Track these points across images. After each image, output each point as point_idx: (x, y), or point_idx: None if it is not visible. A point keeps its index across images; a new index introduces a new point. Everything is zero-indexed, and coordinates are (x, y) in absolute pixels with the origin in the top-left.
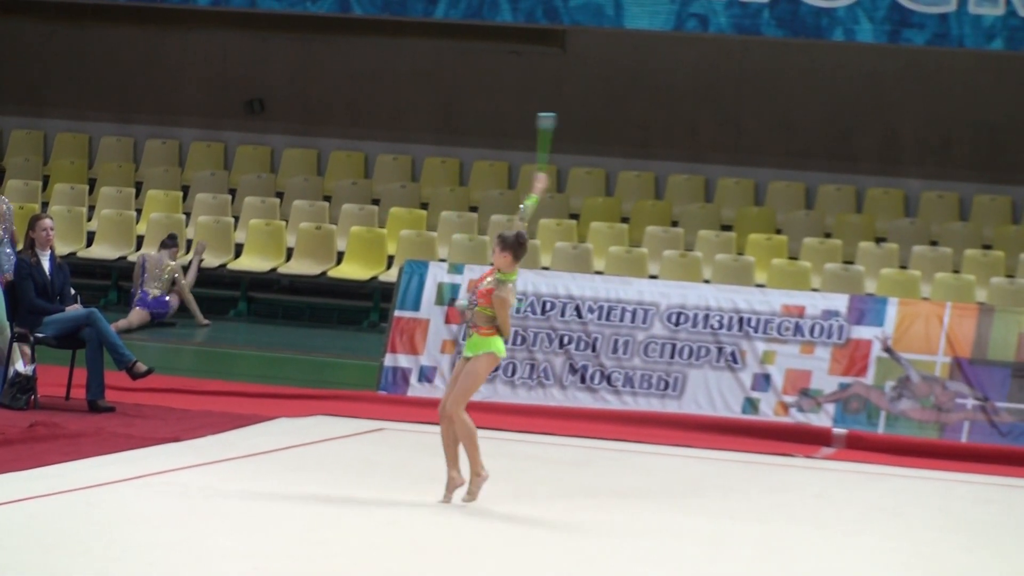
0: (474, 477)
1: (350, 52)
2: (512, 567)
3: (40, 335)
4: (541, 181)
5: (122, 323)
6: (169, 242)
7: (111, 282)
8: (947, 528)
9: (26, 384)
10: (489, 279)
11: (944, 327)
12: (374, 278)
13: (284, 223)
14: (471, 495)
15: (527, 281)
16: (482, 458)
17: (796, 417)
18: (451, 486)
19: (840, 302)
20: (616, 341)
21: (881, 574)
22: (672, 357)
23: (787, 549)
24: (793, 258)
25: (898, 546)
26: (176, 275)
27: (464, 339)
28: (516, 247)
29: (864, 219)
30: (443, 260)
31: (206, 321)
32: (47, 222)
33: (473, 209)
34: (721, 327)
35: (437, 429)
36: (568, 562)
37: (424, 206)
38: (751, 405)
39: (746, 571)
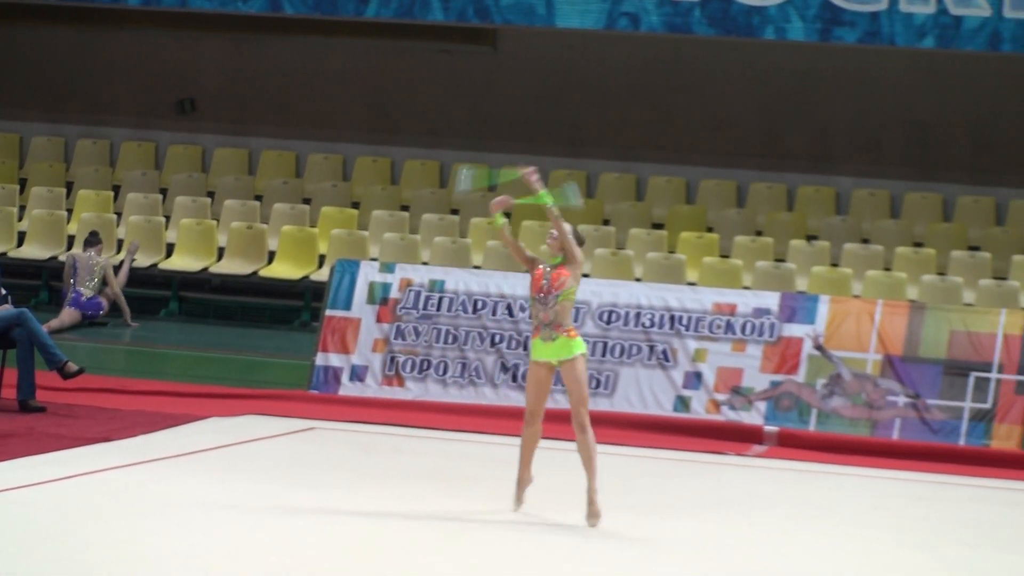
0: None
1: (281, 51)
2: (444, 565)
3: None
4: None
5: (54, 323)
6: (92, 239)
7: (42, 282)
8: (879, 525)
9: None
10: (544, 267)
11: (875, 325)
12: (305, 277)
13: (215, 222)
14: (592, 516)
15: (458, 280)
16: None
17: (728, 415)
18: (523, 485)
19: (771, 300)
20: None
21: (814, 571)
22: (603, 355)
23: (719, 547)
24: (724, 256)
25: (831, 543)
26: (107, 271)
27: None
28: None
29: (795, 217)
30: (375, 259)
31: (134, 323)
32: None
33: (405, 208)
34: (652, 325)
35: (368, 428)
36: (496, 559)
37: (355, 205)
38: (682, 403)
39: (679, 570)
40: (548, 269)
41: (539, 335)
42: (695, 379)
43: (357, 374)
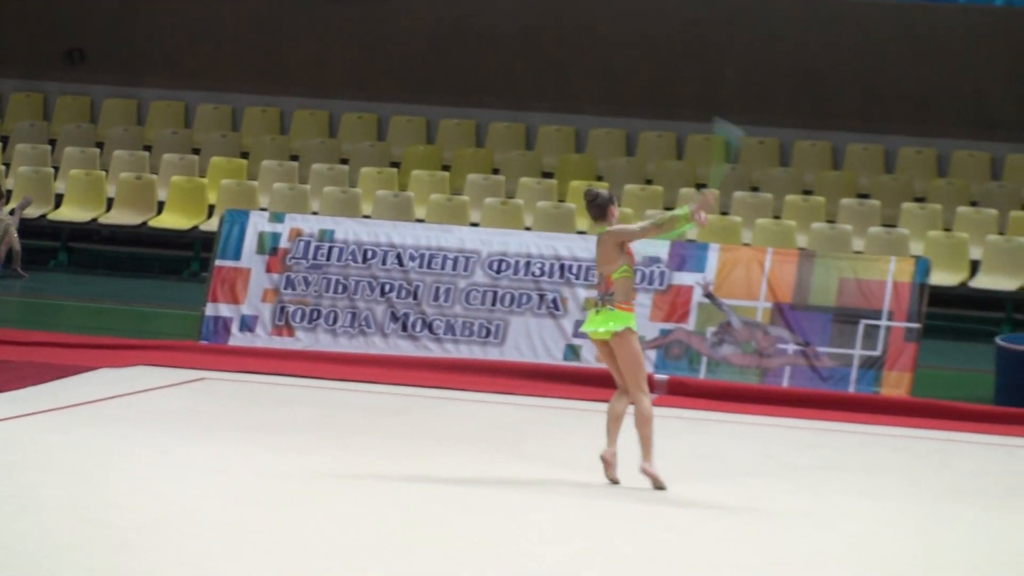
0: (644, 463)
1: (171, 2)
2: (333, 513)
3: None
4: (706, 203)
5: None
6: None
7: None
8: (769, 473)
9: None
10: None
11: (765, 273)
12: (195, 228)
13: (104, 173)
14: (653, 480)
15: (348, 230)
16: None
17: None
18: (611, 462)
19: (661, 248)
20: (437, 289)
21: (703, 519)
22: (493, 304)
23: (607, 496)
24: None
25: (720, 490)
26: (9, 226)
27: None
28: (588, 207)
29: (685, 165)
30: (264, 209)
31: (24, 274)
32: None
33: (294, 158)
34: (542, 274)
35: (258, 378)
36: (386, 510)
37: (245, 155)
38: (572, 352)
39: (565, 518)
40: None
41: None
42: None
43: (247, 324)
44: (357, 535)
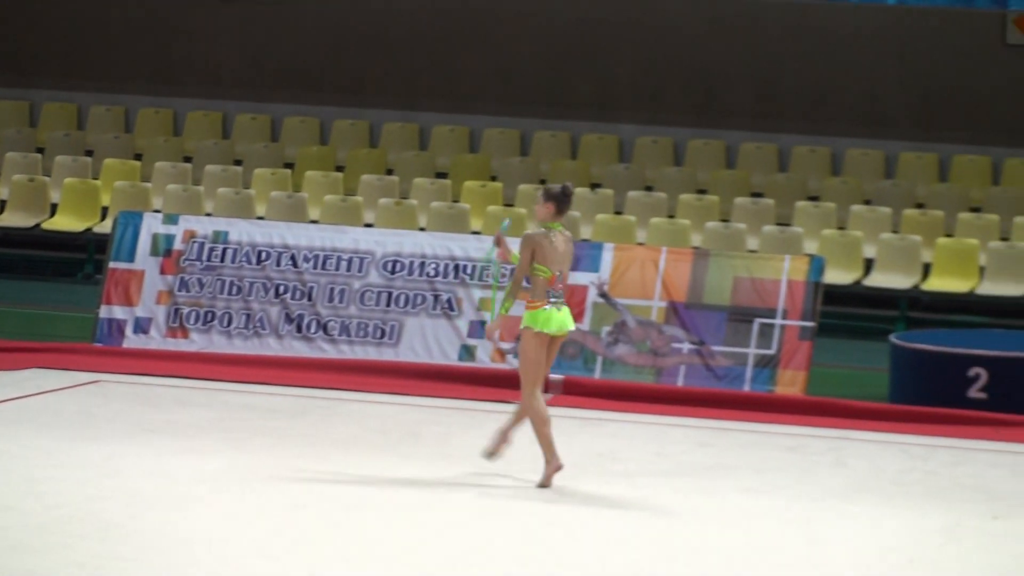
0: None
1: (60, 3)
2: (229, 515)
3: None
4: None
5: None
6: None
7: None
8: (664, 472)
9: None
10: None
11: (660, 272)
12: (88, 230)
13: None
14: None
15: (242, 231)
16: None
17: (513, 364)
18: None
19: None
20: (332, 290)
21: (597, 518)
22: (388, 305)
23: (502, 495)
24: (509, 205)
25: (615, 490)
26: None
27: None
28: (562, 200)
29: (579, 165)
30: (158, 211)
31: None
32: None
33: (188, 159)
34: (437, 275)
35: (153, 380)
36: (282, 510)
37: (138, 157)
38: (468, 352)
39: (459, 517)
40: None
41: (548, 303)
42: (480, 328)
43: (141, 326)
44: (252, 536)
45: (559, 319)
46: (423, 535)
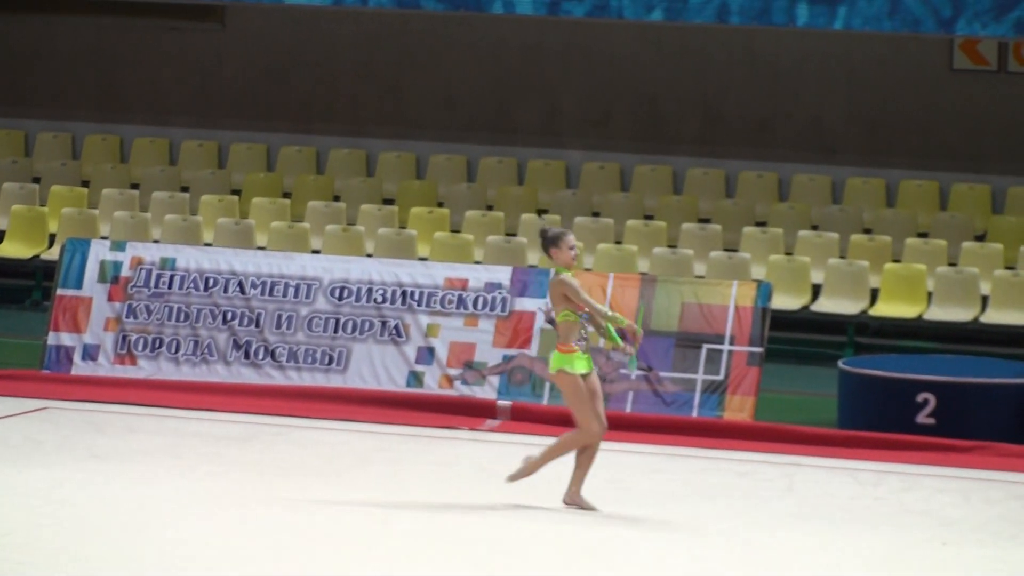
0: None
1: (6, 30)
2: (177, 541)
3: None
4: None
5: None
6: None
7: None
8: (614, 499)
9: None
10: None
11: (607, 298)
12: (36, 256)
13: None
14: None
15: (189, 258)
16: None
17: (461, 390)
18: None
19: (503, 274)
20: (280, 316)
21: (549, 545)
22: (336, 331)
23: (452, 522)
24: (456, 231)
25: (563, 518)
26: None
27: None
28: (541, 244)
29: (526, 191)
30: (105, 238)
31: None
32: None
33: (135, 186)
34: (384, 301)
35: (101, 407)
36: (230, 537)
37: (85, 184)
38: (416, 378)
39: (412, 545)
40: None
41: (580, 349)
42: (428, 354)
43: (89, 353)
44: (202, 562)
45: (587, 361)
46: (373, 562)
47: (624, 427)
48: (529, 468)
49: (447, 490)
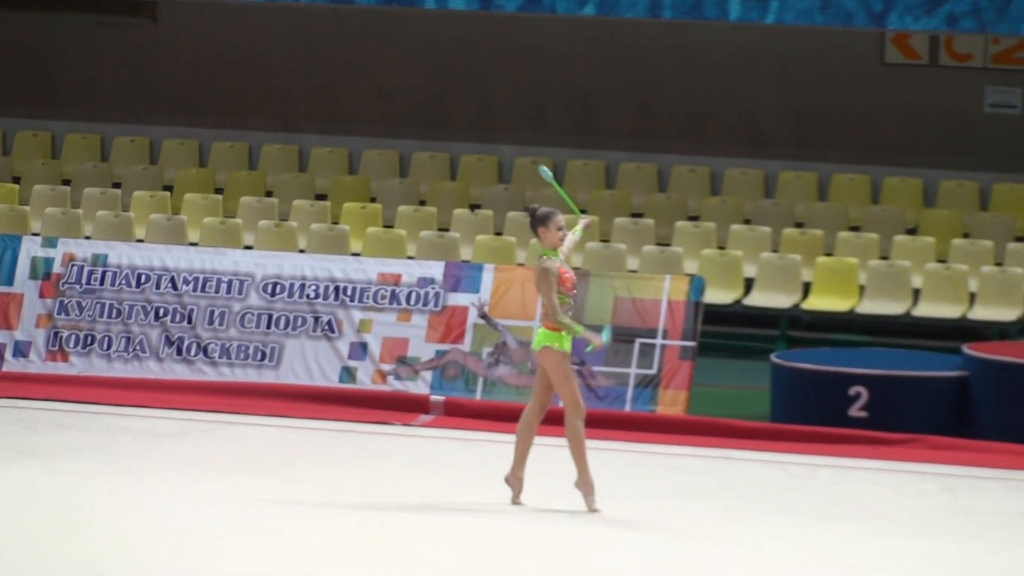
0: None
1: None
2: (110, 538)
3: None
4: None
5: None
6: None
7: None
8: (548, 493)
9: None
10: (564, 265)
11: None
12: None
13: None
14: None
15: (121, 254)
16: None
17: (394, 385)
18: (516, 488)
19: (436, 269)
20: (212, 312)
21: (475, 538)
22: (268, 327)
23: (387, 517)
24: (388, 226)
25: (494, 512)
26: None
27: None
28: (530, 223)
29: (458, 186)
30: (36, 234)
31: None
32: None
33: (66, 182)
34: (317, 297)
35: (32, 404)
36: (163, 533)
37: (17, 180)
38: (348, 374)
39: (344, 540)
40: (567, 267)
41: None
42: (361, 349)
43: (20, 350)
44: (133, 560)
45: (568, 341)
46: (306, 558)
47: (556, 421)
48: (584, 485)
49: (381, 485)
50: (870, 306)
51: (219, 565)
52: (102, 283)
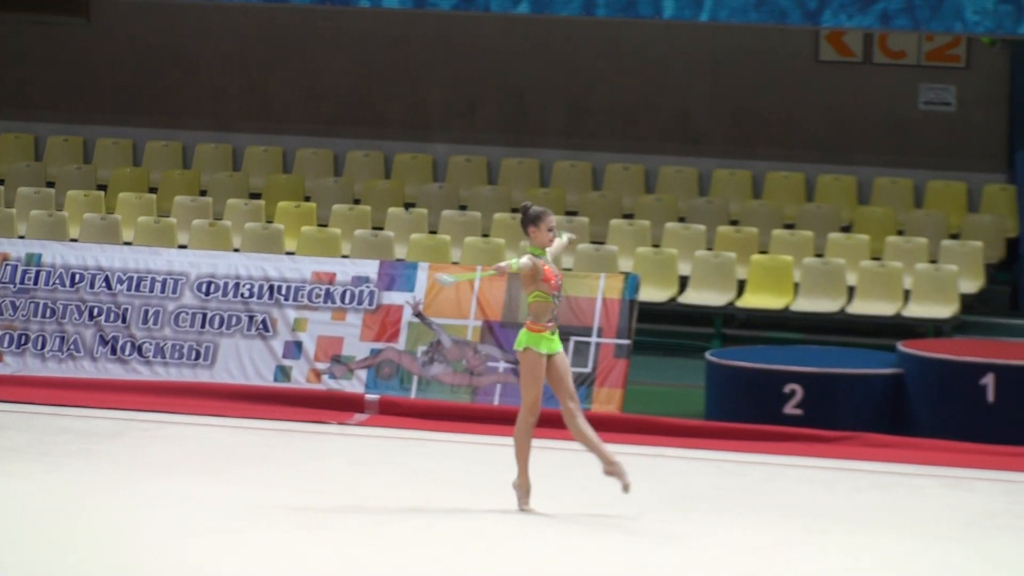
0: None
1: None
2: (45, 539)
3: None
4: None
5: None
6: None
7: None
8: (481, 491)
9: None
10: (549, 264)
11: (475, 291)
12: None
13: None
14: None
15: (55, 253)
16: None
17: (329, 384)
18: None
19: (370, 268)
20: (146, 312)
21: (405, 537)
22: (203, 326)
23: (324, 516)
24: (323, 225)
25: (428, 511)
26: None
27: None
28: (521, 220)
29: (392, 184)
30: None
31: None
32: None
33: (0, 182)
34: (252, 296)
35: None
36: (99, 536)
37: None
38: (283, 373)
39: (281, 539)
40: (553, 267)
41: (549, 330)
42: (295, 348)
43: None
44: (69, 560)
45: (555, 341)
46: (243, 557)
47: (492, 420)
48: (521, 487)
49: (317, 485)
50: (805, 304)
51: (155, 565)
52: (36, 283)
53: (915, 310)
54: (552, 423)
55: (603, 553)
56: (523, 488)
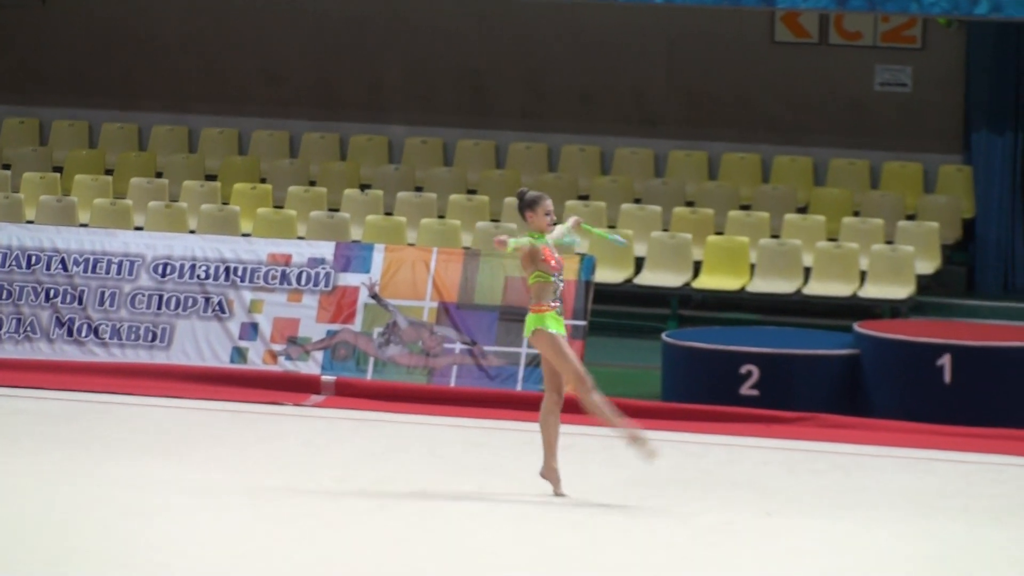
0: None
1: None
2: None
3: None
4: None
5: None
6: None
7: None
8: (438, 472)
9: None
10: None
11: (431, 272)
12: None
13: None
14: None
15: (12, 235)
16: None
17: (285, 365)
18: (554, 481)
19: (326, 249)
20: (103, 293)
21: (363, 518)
22: (159, 308)
23: (280, 497)
24: (279, 207)
25: (392, 489)
26: None
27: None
28: (518, 206)
29: (349, 166)
30: None
31: None
32: None
33: None
34: (208, 277)
35: None
36: (54, 517)
37: None
38: (239, 354)
39: (236, 520)
40: (552, 248)
41: (555, 310)
42: (252, 330)
43: None
44: (22, 542)
45: (559, 321)
46: (198, 538)
47: (448, 401)
48: (635, 440)
49: (273, 466)
50: (761, 284)
51: (109, 547)
52: None
53: (871, 291)
54: (501, 403)
55: (558, 536)
56: (553, 474)
